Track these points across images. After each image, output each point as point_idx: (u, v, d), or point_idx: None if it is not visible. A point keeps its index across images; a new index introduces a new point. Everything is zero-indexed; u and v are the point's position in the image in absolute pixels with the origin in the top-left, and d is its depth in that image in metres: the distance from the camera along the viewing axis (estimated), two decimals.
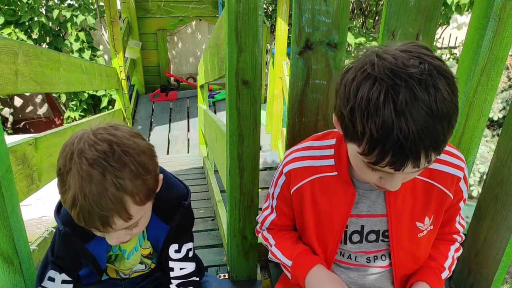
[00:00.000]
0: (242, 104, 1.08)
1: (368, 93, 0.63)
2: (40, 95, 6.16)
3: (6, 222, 0.99)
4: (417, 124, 0.61)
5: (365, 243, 0.92)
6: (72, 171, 0.70)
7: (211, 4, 5.85)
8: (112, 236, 0.79)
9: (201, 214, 2.35)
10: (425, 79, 0.62)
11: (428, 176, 0.86)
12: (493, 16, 0.92)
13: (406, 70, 0.62)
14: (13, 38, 4.45)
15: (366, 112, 0.63)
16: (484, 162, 3.10)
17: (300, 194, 0.92)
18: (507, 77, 3.37)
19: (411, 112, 0.61)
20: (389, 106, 0.61)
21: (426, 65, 0.63)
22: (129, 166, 0.72)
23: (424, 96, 0.61)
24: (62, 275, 0.93)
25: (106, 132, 0.74)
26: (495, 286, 1.15)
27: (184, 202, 0.94)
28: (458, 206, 0.92)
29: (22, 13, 4.72)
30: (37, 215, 2.70)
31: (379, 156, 0.65)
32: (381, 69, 0.63)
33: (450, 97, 0.63)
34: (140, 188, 0.74)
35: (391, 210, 0.87)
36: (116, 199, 0.70)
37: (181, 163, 3.73)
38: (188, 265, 1.00)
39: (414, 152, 0.63)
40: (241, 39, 1.00)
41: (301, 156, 0.92)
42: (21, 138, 1.33)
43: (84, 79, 2.46)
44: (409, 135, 0.61)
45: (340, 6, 1.00)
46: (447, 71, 0.65)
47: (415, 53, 0.65)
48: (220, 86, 5.72)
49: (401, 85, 0.61)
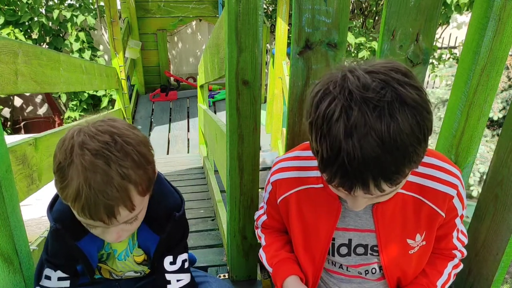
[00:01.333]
0: (242, 104, 1.08)
1: (324, 111, 0.62)
2: (40, 95, 6.16)
3: (6, 222, 0.99)
4: (363, 151, 0.59)
5: (353, 256, 0.90)
6: (74, 163, 0.69)
7: (211, 4, 5.85)
8: (111, 231, 0.78)
9: (201, 214, 2.35)
10: (382, 106, 0.59)
11: (418, 193, 0.82)
12: (493, 16, 0.92)
13: (363, 93, 0.60)
14: (12, 38, 4.45)
15: (321, 130, 0.63)
16: (484, 162, 3.10)
17: (286, 204, 0.91)
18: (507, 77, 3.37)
19: (359, 137, 0.59)
20: (340, 128, 0.60)
21: (388, 91, 0.60)
22: (132, 156, 0.72)
23: (375, 123, 0.58)
24: (58, 272, 0.93)
25: (106, 124, 0.74)
26: (495, 286, 1.15)
27: (176, 214, 0.92)
28: (454, 223, 0.88)
29: (22, 13, 4.72)
30: (37, 215, 2.70)
31: (329, 176, 0.65)
32: (341, 89, 0.62)
33: (411, 129, 0.59)
34: (143, 177, 0.74)
35: (380, 226, 0.84)
36: (122, 188, 0.70)
37: (181, 163, 3.73)
38: (185, 276, 0.98)
39: (360, 179, 0.61)
40: (241, 39, 1.00)
41: (287, 167, 0.91)
42: (21, 138, 1.33)
43: (84, 79, 2.46)
44: (354, 160, 0.59)
45: (340, 6, 1.00)
46: (417, 101, 0.60)
47: (382, 75, 0.61)
48: (220, 86, 5.72)
49: (354, 108, 0.59)
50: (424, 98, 0.63)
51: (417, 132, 0.60)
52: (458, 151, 1.09)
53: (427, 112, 0.62)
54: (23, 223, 1.07)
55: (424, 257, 0.90)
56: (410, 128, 0.59)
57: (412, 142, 0.60)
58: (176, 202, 0.94)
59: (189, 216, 1.05)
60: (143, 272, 1.03)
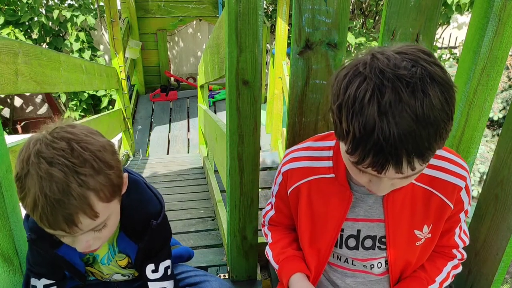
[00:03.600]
0: (242, 104, 1.08)
1: (355, 91, 0.62)
2: (40, 95, 6.16)
3: (6, 222, 0.99)
4: (399, 127, 0.59)
5: (361, 249, 0.90)
6: (30, 173, 0.67)
7: (211, 4, 5.86)
8: (80, 240, 0.75)
9: (201, 214, 2.35)
10: (414, 83, 0.60)
11: (428, 184, 0.84)
12: (493, 16, 0.92)
13: (396, 71, 0.61)
14: (12, 38, 4.45)
15: (352, 110, 0.63)
16: (484, 162, 3.10)
17: (296, 195, 0.91)
18: (507, 77, 3.37)
19: (394, 114, 0.59)
20: (374, 106, 0.60)
21: (418, 69, 0.61)
22: (90, 162, 0.69)
23: (410, 99, 0.59)
24: (42, 280, 0.92)
25: (63, 130, 0.72)
26: (495, 286, 1.15)
27: (153, 222, 0.89)
28: (458, 217, 0.88)
29: (22, 13, 4.72)
30: None
31: (360, 156, 0.64)
32: (372, 68, 0.62)
33: (442, 105, 0.61)
34: (103, 183, 0.71)
35: (389, 215, 0.85)
36: (79, 196, 0.68)
37: (181, 163, 3.73)
38: (168, 283, 0.97)
39: (395, 156, 0.61)
40: (241, 39, 1.00)
41: (299, 156, 0.91)
42: (21, 138, 1.33)
43: (84, 79, 2.46)
44: (390, 137, 0.59)
45: (340, 6, 1.00)
46: (444, 79, 0.62)
47: (411, 55, 0.63)
48: (220, 86, 5.72)
49: (387, 85, 0.60)
50: (449, 77, 0.64)
51: (447, 108, 0.62)
52: (458, 151, 1.09)
53: (453, 90, 0.64)
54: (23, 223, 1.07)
55: (427, 251, 0.91)
56: (440, 104, 0.61)
57: (443, 118, 0.61)
58: (154, 209, 0.91)
59: (189, 216, 1.05)
60: (131, 275, 1.02)
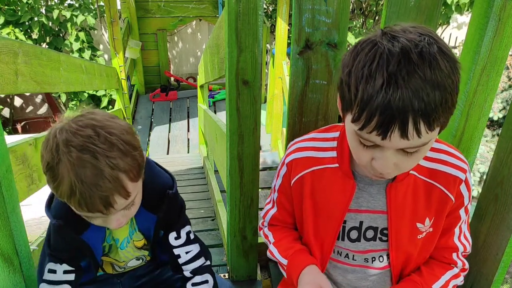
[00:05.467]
0: (242, 104, 1.08)
1: (365, 56, 0.64)
2: (40, 95, 6.16)
3: (6, 222, 0.99)
4: (407, 85, 0.60)
5: (363, 241, 0.90)
6: (62, 162, 0.70)
7: (211, 4, 5.85)
8: (112, 219, 0.79)
9: (201, 214, 2.35)
10: (423, 46, 0.62)
11: (429, 176, 0.84)
12: (493, 16, 0.92)
13: (406, 35, 0.63)
14: (12, 38, 4.45)
15: (361, 72, 0.64)
16: (484, 162, 3.10)
17: (300, 185, 0.91)
18: (507, 77, 3.37)
19: (402, 73, 0.61)
20: (383, 66, 0.62)
21: (427, 38, 0.63)
22: (117, 145, 0.73)
23: (419, 61, 0.61)
24: (63, 265, 0.94)
25: (86, 118, 0.75)
26: (495, 286, 1.15)
27: (169, 192, 0.94)
28: (458, 214, 0.88)
29: (22, 13, 4.72)
30: (37, 215, 2.70)
31: (366, 118, 0.64)
32: (383, 36, 0.65)
33: (449, 72, 0.63)
34: (132, 164, 0.75)
35: (392, 207, 0.85)
36: (113, 178, 0.72)
37: (181, 163, 3.73)
38: (193, 247, 1.01)
39: (402, 114, 0.61)
40: (241, 39, 1.00)
41: (303, 147, 0.92)
42: (21, 138, 1.33)
43: (84, 79, 2.46)
44: (397, 94, 0.60)
45: (340, 6, 1.00)
46: (450, 52, 0.64)
47: (420, 29, 0.65)
48: (220, 86, 5.72)
49: (397, 47, 0.62)
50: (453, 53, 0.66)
51: (453, 77, 0.63)
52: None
53: (458, 64, 0.66)
54: (23, 223, 1.07)
55: (428, 246, 0.90)
56: (447, 70, 0.62)
57: (449, 83, 0.63)
58: (167, 181, 0.96)
59: (189, 216, 1.05)
60: (144, 258, 1.04)
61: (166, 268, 1.11)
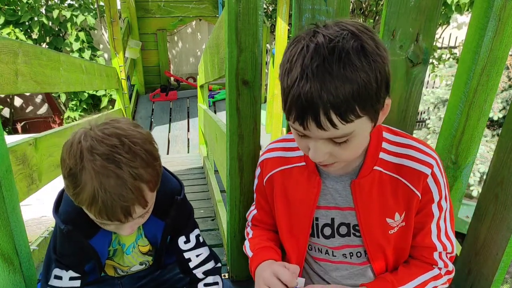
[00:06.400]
0: (242, 104, 1.08)
1: (290, 51, 0.69)
2: (40, 95, 6.16)
3: (6, 222, 0.99)
4: (316, 77, 0.64)
5: (337, 237, 0.90)
6: (86, 169, 0.71)
7: (211, 4, 5.86)
8: (126, 227, 0.80)
9: (201, 214, 2.35)
10: (337, 41, 0.64)
11: (395, 171, 0.84)
12: (493, 16, 0.92)
13: (326, 31, 0.67)
14: (12, 38, 4.45)
15: (285, 67, 0.69)
16: (484, 162, 3.10)
17: (271, 184, 0.94)
18: (507, 77, 3.37)
19: (313, 67, 0.64)
20: (299, 61, 0.66)
21: (346, 32, 0.66)
22: (140, 155, 0.74)
23: (329, 55, 0.64)
24: (69, 272, 0.93)
25: (111, 126, 0.76)
26: (495, 286, 1.15)
27: (177, 197, 0.94)
28: (431, 211, 0.85)
29: (22, 13, 4.73)
30: (37, 215, 2.71)
31: (288, 109, 0.69)
32: (307, 32, 0.69)
33: (363, 66, 0.64)
34: (152, 174, 0.77)
35: (358, 203, 0.85)
36: (135, 189, 0.73)
37: (181, 163, 3.73)
38: (203, 250, 1.02)
39: (312, 106, 0.65)
40: (241, 39, 1.00)
41: (274, 148, 0.96)
42: (21, 138, 1.33)
43: (84, 79, 2.46)
44: (307, 87, 0.64)
45: (340, 6, 1.00)
46: (371, 46, 0.66)
47: (346, 25, 0.68)
48: (220, 86, 5.72)
49: (313, 42, 0.66)
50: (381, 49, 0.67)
51: (368, 70, 0.65)
52: (458, 151, 1.09)
53: (381, 59, 0.67)
54: (23, 223, 1.07)
55: (403, 241, 0.88)
56: (360, 65, 0.64)
57: (362, 77, 0.64)
58: (176, 186, 0.97)
59: None
60: (147, 263, 1.04)
61: (166, 269, 1.11)
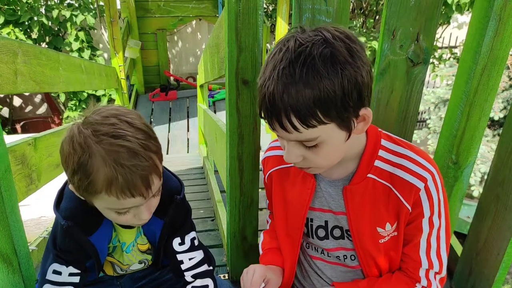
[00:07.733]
0: (242, 103, 1.08)
1: (270, 53, 0.71)
2: (39, 95, 6.16)
3: (5, 222, 0.99)
4: (279, 83, 0.66)
5: (331, 239, 0.90)
6: (95, 153, 0.71)
7: (211, 4, 5.86)
8: (143, 210, 0.80)
9: (201, 214, 2.35)
10: (306, 47, 0.65)
11: (388, 180, 0.82)
12: (493, 15, 0.92)
13: (301, 35, 0.68)
14: (12, 37, 4.45)
15: (263, 66, 0.72)
16: (485, 162, 3.10)
17: (270, 181, 0.97)
18: (507, 77, 3.37)
19: (279, 69, 0.66)
20: (271, 62, 0.68)
21: (318, 38, 0.66)
22: (142, 129, 0.76)
23: (294, 60, 0.65)
24: (70, 268, 0.92)
25: (105, 109, 0.77)
26: (496, 286, 1.14)
27: (177, 197, 0.94)
28: (420, 225, 0.82)
29: (21, 12, 4.72)
30: (36, 215, 2.70)
31: (259, 109, 0.72)
32: (285, 38, 0.70)
33: (328, 74, 0.64)
34: (157, 145, 0.78)
35: (349, 209, 0.85)
36: (148, 157, 0.74)
37: (181, 163, 3.73)
38: (197, 253, 1.00)
39: (274, 106, 0.67)
40: (241, 39, 1.00)
41: (275, 146, 0.97)
42: (20, 138, 1.33)
43: (84, 79, 2.46)
44: (271, 90, 0.66)
45: (340, 5, 1.00)
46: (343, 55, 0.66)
47: (321, 31, 0.68)
48: (220, 86, 5.72)
49: (287, 45, 0.67)
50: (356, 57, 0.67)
51: (333, 78, 0.65)
52: (459, 151, 1.09)
53: (353, 69, 0.66)
54: (22, 223, 1.06)
55: (394, 251, 0.86)
56: (325, 72, 0.64)
57: (325, 84, 0.64)
58: (176, 185, 0.97)
59: None
60: (146, 261, 1.04)
61: (165, 270, 1.11)
